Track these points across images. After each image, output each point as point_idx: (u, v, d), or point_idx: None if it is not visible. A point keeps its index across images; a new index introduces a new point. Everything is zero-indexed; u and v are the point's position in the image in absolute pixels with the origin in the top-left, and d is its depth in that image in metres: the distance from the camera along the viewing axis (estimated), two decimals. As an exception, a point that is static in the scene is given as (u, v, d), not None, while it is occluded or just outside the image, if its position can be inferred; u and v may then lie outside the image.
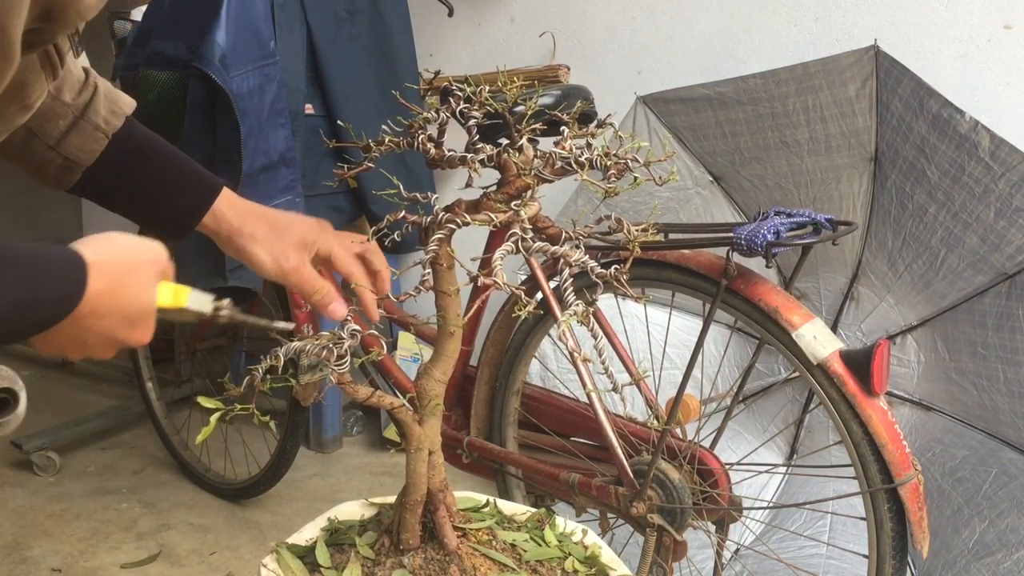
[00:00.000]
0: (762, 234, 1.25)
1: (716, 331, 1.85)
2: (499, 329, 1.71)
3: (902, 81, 1.62)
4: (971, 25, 1.75)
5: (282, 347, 0.83)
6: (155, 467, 2.44)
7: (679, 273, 1.45)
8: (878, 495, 1.28)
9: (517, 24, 2.41)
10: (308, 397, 1.94)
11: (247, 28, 1.72)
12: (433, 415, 0.92)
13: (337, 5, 1.91)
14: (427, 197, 0.90)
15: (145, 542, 2.04)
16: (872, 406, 1.27)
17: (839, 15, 1.90)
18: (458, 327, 0.91)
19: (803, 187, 1.81)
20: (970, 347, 1.63)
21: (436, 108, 0.87)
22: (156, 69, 1.88)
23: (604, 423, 1.43)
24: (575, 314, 0.77)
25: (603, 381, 0.88)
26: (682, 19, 2.12)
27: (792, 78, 1.74)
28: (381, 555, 0.94)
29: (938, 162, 1.60)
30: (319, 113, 1.92)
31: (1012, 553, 1.44)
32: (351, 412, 2.68)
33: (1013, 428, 1.56)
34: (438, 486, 0.94)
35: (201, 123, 1.77)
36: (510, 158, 0.86)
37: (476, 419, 1.74)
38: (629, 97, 1.99)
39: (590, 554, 1.01)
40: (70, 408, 2.70)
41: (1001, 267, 1.56)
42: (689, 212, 1.96)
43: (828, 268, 1.84)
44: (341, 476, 2.43)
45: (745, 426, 1.95)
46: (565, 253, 0.81)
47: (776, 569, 1.67)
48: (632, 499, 1.43)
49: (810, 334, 1.31)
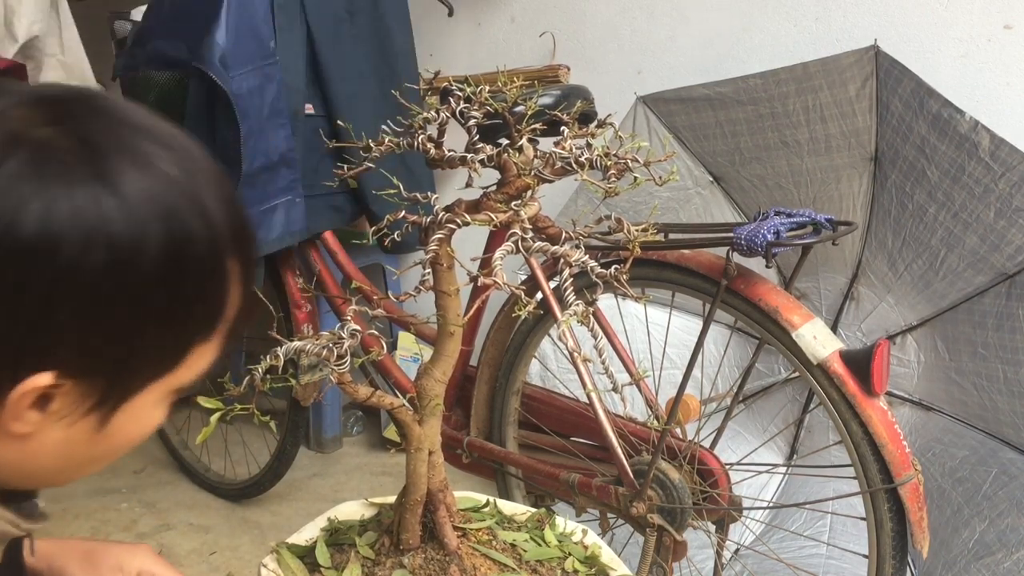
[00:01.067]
0: (762, 234, 1.25)
1: (716, 331, 1.85)
2: (499, 329, 1.71)
3: (902, 81, 1.62)
4: (971, 25, 1.75)
5: (282, 347, 0.83)
6: (155, 467, 2.44)
7: (679, 273, 1.45)
8: (878, 495, 1.28)
9: (517, 24, 2.41)
10: (308, 397, 1.94)
11: (247, 28, 1.71)
12: (433, 415, 0.93)
13: (337, 5, 1.91)
14: (427, 197, 0.90)
15: (145, 542, 2.04)
16: (872, 406, 1.27)
17: (839, 15, 1.90)
18: (458, 327, 0.91)
19: (803, 187, 1.81)
20: (970, 347, 1.63)
21: (436, 108, 0.87)
22: (156, 69, 1.88)
23: (604, 423, 1.43)
24: (575, 314, 0.77)
25: (603, 381, 0.88)
26: (682, 19, 2.12)
27: (792, 78, 1.74)
28: (381, 555, 0.94)
29: (938, 162, 1.60)
30: (319, 113, 1.91)
31: (1012, 553, 1.44)
32: (351, 412, 2.68)
33: (1013, 428, 1.56)
34: (438, 486, 0.94)
35: (201, 123, 1.77)
36: (510, 158, 0.86)
37: (476, 419, 1.74)
38: (629, 97, 1.99)
39: (590, 554, 1.01)
40: (70, 408, 2.70)
41: (1001, 267, 1.56)
42: (689, 212, 1.96)
43: (828, 268, 1.84)
44: (341, 476, 2.42)
45: (745, 426, 1.95)
46: (565, 253, 0.81)
47: (776, 569, 1.67)
48: (632, 499, 1.43)
49: (810, 334, 1.31)
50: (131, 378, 0.57)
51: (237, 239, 0.58)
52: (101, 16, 2.26)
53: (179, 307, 0.56)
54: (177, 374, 0.60)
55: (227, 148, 1.72)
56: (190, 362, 0.60)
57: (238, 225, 0.59)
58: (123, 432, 0.60)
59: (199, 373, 0.62)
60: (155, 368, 0.58)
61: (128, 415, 0.59)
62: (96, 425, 0.58)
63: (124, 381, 0.56)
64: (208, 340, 0.60)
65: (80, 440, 0.58)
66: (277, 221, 1.81)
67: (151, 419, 0.62)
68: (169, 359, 0.58)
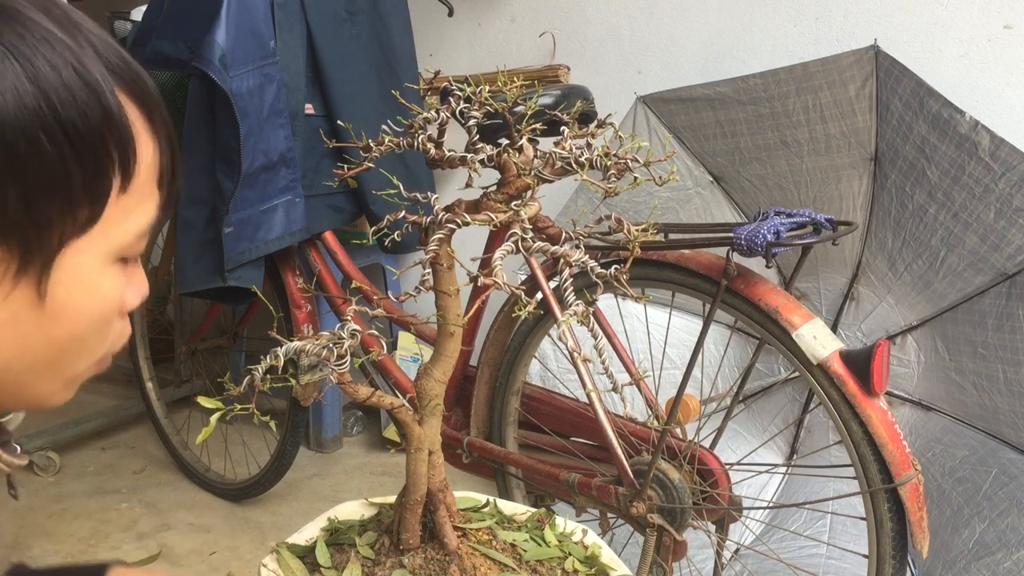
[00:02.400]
0: (762, 234, 1.25)
1: (716, 331, 1.85)
2: (499, 329, 1.71)
3: (902, 81, 1.62)
4: (971, 25, 1.75)
5: (282, 347, 0.83)
6: (155, 467, 2.44)
7: (679, 273, 1.45)
8: (878, 495, 1.28)
9: (517, 24, 2.41)
10: (308, 397, 1.94)
11: (247, 28, 1.72)
12: (433, 415, 0.93)
13: (337, 5, 1.91)
14: (427, 197, 0.90)
15: (145, 542, 2.04)
16: (872, 406, 1.27)
17: (839, 15, 1.90)
18: (458, 327, 0.91)
19: (803, 187, 1.82)
20: (970, 347, 1.63)
21: (436, 108, 0.87)
22: (156, 69, 1.88)
23: (604, 423, 1.43)
24: (575, 314, 0.77)
25: (603, 381, 0.88)
26: (682, 19, 2.13)
27: (792, 78, 1.74)
28: (381, 555, 0.94)
29: (938, 162, 1.60)
30: (319, 113, 1.92)
31: (1012, 553, 1.44)
32: (351, 412, 2.68)
33: (1013, 428, 1.56)
34: (438, 486, 0.94)
35: (201, 123, 1.77)
36: (510, 158, 0.86)
37: (476, 419, 1.74)
38: (629, 97, 1.99)
39: (590, 554, 1.01)
40: (70, 408, 2.70)
41: (1001, 267, 1.56)
42: (689, 212, 1.96)
43: (828, 268, 1.84)
44: (341, 476, 2.43)
45: (745, 426, 1.95)
46: (565, 253, 0.81)
47: (776, 569, 1.67)
48: (632, 499, 1.43)
49: (810, 334, 1.31)
50: (42, 235, 0.55)
51: (122, 77, 0.57)
52: (101, 16, 2.26)
53: (65, 150, 0.54)
54: (108, 232, 0.58)
55: (227, 148, 1.72)
56: (116, 217, 0.58)
57: (119, 64, 0.58)
58: (73, 306, 0.58)
59: (137, 233, 0.60)
60: (65, 220, 0.55)
61: (68, 284, 0.57)
62: (34, 297, 0.56)
63: (37, 238, 0.55)
64: (127, 191, 0.58)
65: (26, 319, 0.57)
66: (277, 221, 1.81)
67: (100, 288, 0.59)
68: (78, 210, 0.56)
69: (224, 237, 1.74)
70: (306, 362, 0.84)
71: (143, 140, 0.58)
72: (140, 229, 0.60)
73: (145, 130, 0.59)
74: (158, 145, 0.60)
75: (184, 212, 1.83)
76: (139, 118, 0.58)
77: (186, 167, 1.83)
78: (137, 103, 0.58)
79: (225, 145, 1.72)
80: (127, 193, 0.58)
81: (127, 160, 0.57)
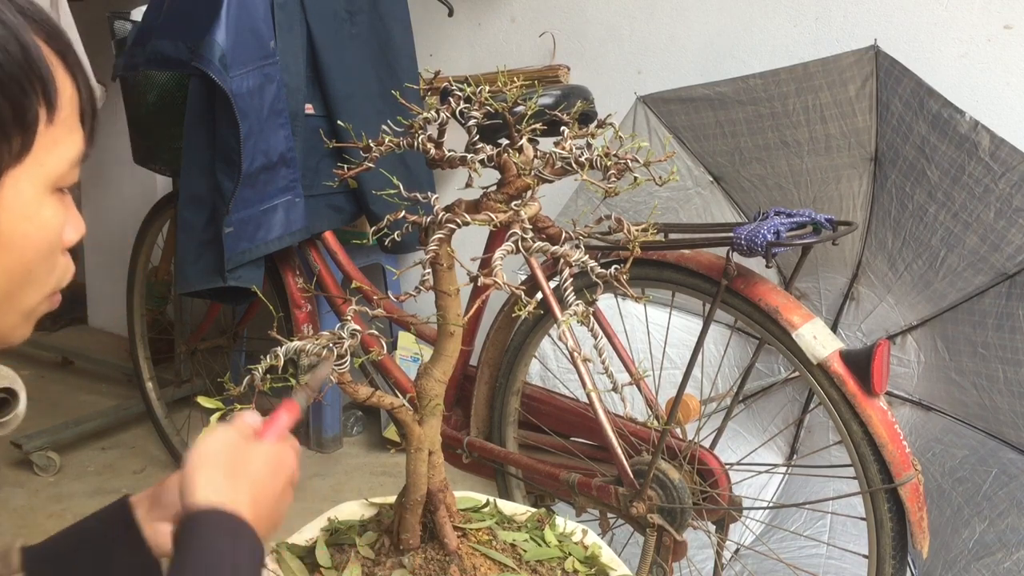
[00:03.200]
0: (762, 234, 1.25)
1: (716, 331, 1.85)
2: (499, 329, 1.71)
3: (902, 81, 1.62)
4: (971, 25, 1.75)
5: (282, 347, 0.83)
6: (155, 467, 2.44)
7: (679, 273, 1.45)
8: (878, 495, 1.28)
9: (517, 24, 2.41)
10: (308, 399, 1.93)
11: (247, 28, 1.72)
12: (433, 415, 0.93)
13: (337, 5, 1.91)
14: (427, 197, 0.90)
15: (145, 542, 2.04)
16: (872, 406, 1.27)
17: (839, 15, 1.90)
18: (458, 327, 0.91)
19: (803, 187, 1.82)
20: (970, 347, 1.63)
21: (436, 108, 0.87)
22: (156, 69, 1.88)
23: (604, 423, 1.43)
24: (575, 314, 0.77)
25: (603, 381, 0.88)
26: (682, 19, 2.13)
27: (792, 78, 1.74)
28: (381, 555, 0.94)
29: (938, 162, 1.60)
30: (319, 113, 1.91)
31: (1012, 553, 1.44)
32: (351, 412, 2.68)
33: (1013, 428, 1.56)
34: (438, 486, 0.94)
35: (201, 123, 1.77)
36: (510, 158, 0.86)
37: (476, 419, 1.74)
38: (629, 97, 1.99)
39: (590, 554, 1.01)
40: (70, 408, 2.70)
41: (1001, 267, 1.56)
42: (689, 212, 1.96)
43: (828, 268, 1.84)
44: (341, 476, 2.42)
45: (745, 426, 1.95)
46: (565, 253, 0.81)
47: (776, 569, 1.67)
48: (632, 499, 1.43)
49: (810, 334, 1.31)
50: None
51: (33, 19, 0.60)
52: (101, 16, 2.27)
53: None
54: (41, 161, 0.61)
55: (227, 148, 1.72)
56: (47, 146, 0.61)
57: (28, 6, 0.61)
58: (19, 233, 0.61)
59: (69, 161, 0.64)
60: (1, 150, 0.59)
61: (11, 211, 0.60)
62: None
63: None
64: (53, 123, 0.61)
65: None
66: (277, 221, 1.81)
67: (41, 216, 0.62)
68: (12, 140, 0.59)
69: (224, 237, 1.74)
70: (306, 362, 0.84)
71: (60, 75, 0.62)
72: (71, 158, 0.64)
73: (60, 66, 0.63)
74: (74, 82, 0.64)
75: (184, 212, 1.83)
76: (52, 55, 0.62)
77: (186, 167, 1.83)
78: (49, 42, 0.62)
79: (225, 145, 1.72)
80: (54, 124, 0.62)
81: (49, 93, 0.61)
